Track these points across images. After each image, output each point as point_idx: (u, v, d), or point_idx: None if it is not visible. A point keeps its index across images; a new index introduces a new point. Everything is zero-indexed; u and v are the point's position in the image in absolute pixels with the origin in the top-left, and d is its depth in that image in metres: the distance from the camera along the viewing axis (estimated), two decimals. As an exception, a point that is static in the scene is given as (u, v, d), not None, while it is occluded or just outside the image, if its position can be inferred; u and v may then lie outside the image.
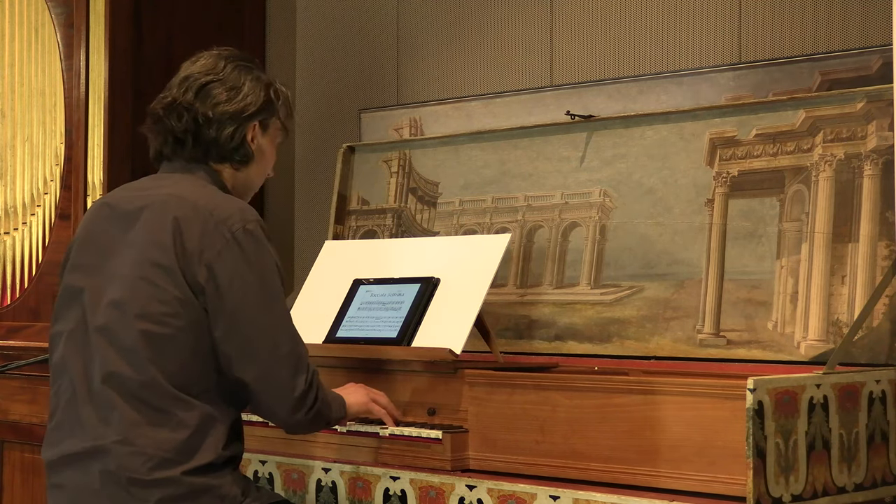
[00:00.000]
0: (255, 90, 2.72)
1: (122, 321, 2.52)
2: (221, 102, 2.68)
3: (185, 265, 2.52)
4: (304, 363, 2.61)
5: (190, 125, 2.67)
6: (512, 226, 3.51)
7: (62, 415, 2.58)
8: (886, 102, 2.86)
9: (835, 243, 2.93)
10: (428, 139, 3.90)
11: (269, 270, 2.58)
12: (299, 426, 2.66)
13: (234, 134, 2.69)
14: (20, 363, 3.51)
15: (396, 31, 4.48)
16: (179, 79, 2.72)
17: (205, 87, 2.68)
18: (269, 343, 2.55)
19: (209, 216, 2.55)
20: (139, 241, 2.56)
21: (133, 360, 2.49)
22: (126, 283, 2.54)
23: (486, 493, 2.71)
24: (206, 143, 2.68)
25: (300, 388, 2.58)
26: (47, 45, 4.58)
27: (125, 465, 2.46)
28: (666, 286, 3.18)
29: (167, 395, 2.49)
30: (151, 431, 2.47)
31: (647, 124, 3.31)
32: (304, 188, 4.74)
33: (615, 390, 2.64)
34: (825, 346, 2.88)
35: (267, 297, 2.56)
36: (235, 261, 2.53)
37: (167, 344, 2.50)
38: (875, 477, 2.64)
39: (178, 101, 2.68)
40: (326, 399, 2.68)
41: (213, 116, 2.67)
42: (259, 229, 2.58)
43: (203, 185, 2.66)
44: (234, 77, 2.71)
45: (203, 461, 2.50)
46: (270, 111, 2.75)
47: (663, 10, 3.78)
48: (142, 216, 2.59)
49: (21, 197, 4.67)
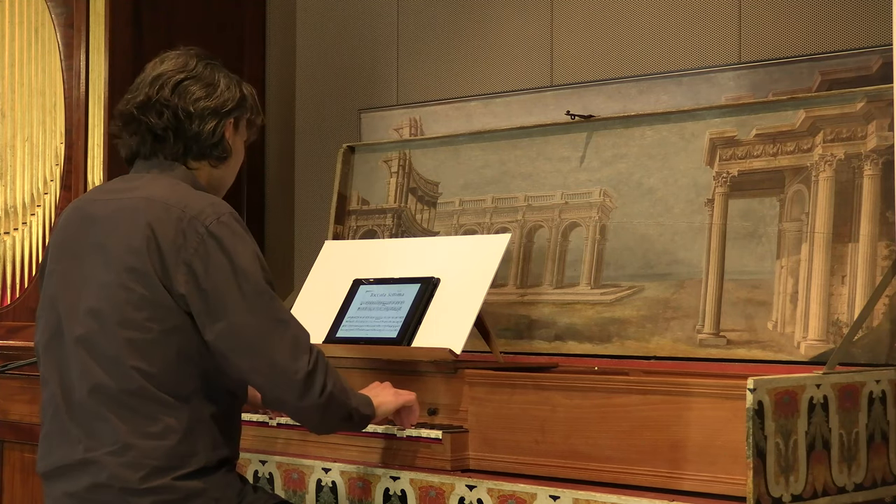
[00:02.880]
0: (230, 87, 2.70)
1: (102, 330, 2.48)
2: (201, 98, 2.65)
3: (162, 269, 2.47)
4: (304, 345, 2.54)
5: (170, 121, 2.63)
6: (512, 226, 3.51)
7: (49, 426, 2.56)
8: (886, 102, 2.86)
9: (835, 243, 2.93)
10: (428, 139, 3.90)
11: (249, 258, 2.51)
12: (314, 414, 2.56)
13: (215, 129, 2.66)
14: (20, 363, 3.51)
15: (396, 31, 4.48)
16: (150, 78, 2.67)
17: (181, 84, 2.65)
18: (261, 330, 2.49)
19: (182, 214, 2.51)
20: (113, 248, 2.52)
21: (116, 370, 2.46)
22: (103, 290, 2.50)
23: (486, 493, 2.71)
24: (186, 139, 2.64)
25: (303, 369, 2.50)
26: (47, 45, 4.58)
27: (117, 475, 2.44)
28: (666, 286, 3.18)
29: (154, 401, 2.46)
30: (140, 441, 2.44)
31: (647, 124, 3.31)
32: (304, 188, 4.74)
33: (615, 390, 2.64)
34: (825, 346, 2.88)
35: (250, 286, 2.49)
36: (213, 254, 2.48)
37: (151, 348, 2.46)
38: (875, 477, 2.64)
39: (155, 99, 2.64)
40: (341, 385, 2.59)
41: (194, 112, 2.64)
42: (233, 220, 2.53)
43: (175, 183, 2.61)
44: (207, 74, 2.69)
45: (195, 466, 2.48)
46: (244, 108, 2.74)
47: (663, 10, 3.78)
48: (114, 222, 2.55)
49: (21, 197, 4.67)
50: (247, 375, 2.52)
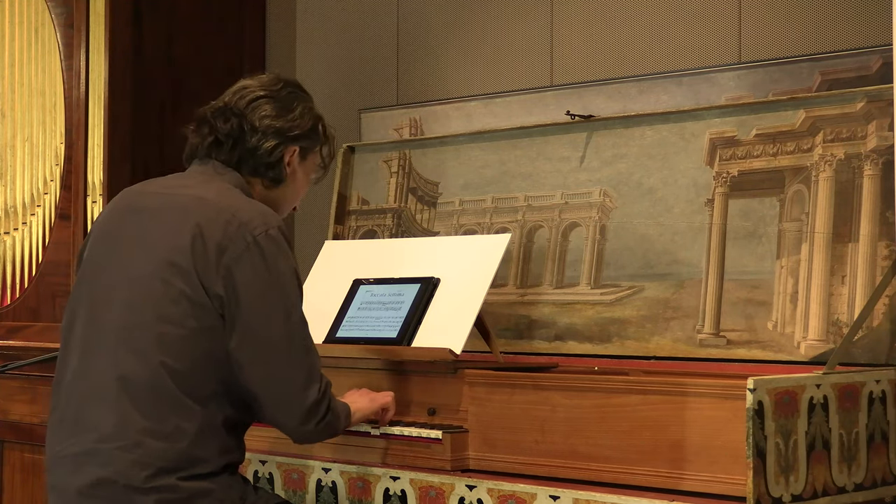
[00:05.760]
0: (304, 116, 2.74)
1: (138, 322, 2.50)
2: (270, 116, 2.70)
3: (203, 269, 2.49)
4: (317, 373, 2.58)
5: (234, 130, 2.67)
6: (512, 226, 3.51)
7: (63, 412, 2.56)
8: (886, 102, 2.86)
9: (835, 243, 2.93)
10: (428, 139, 3.90)
11: (289, 277, 2.56)
12: (309, 436, 2.64)
13: (273, 149, 2.69)
14: (20, 363, 3.51)
15: (396, 31, 4.48)
16: (235, 88, 2.74)
17: (258, 100, 2.71)
18: (283, 351, 2.53)
19: (231, 218, 2.53)
20: (158, 243, 2.54)
21: (145, 362, 2.47)
22: (143, 283, 2.52)
23: (486, 493, 2.71)
24: (243, 151, 2.68)
25: (312, 397, 2.55)
26: (47, 45, 4.58)
27: (122, 471, 2.45)
28: (666, 286, 3.18)
29: (172, 400, 2.47)
30: (151, 440, 2.45)
31: (647, 124, 3.31)
32: (304, 188, 4.74)
33: (615, 390, 2.64)
34: (825, 346, 2.88)
35: (284, 305, 2.54)
36: (255, 265, 2.51)
37: (181, 345, 2.48)
38: (875, 477, 2.64)
39: (229, 106, 2.70)
40: (336, 410, 2.65)
41: (258, 126, 2.68)
42: (281, 235, 2.56)
43: (228, 188, 2.64)
44: (287, 98, 2.74)
45: (202, 470, 2.49)
46: (314, 141, 2.77)
47: (663, 10, 3.78)
48: (161, 216, 2.58)
49: (21, 197, 4.67)
50: (255, 388, 2.53)
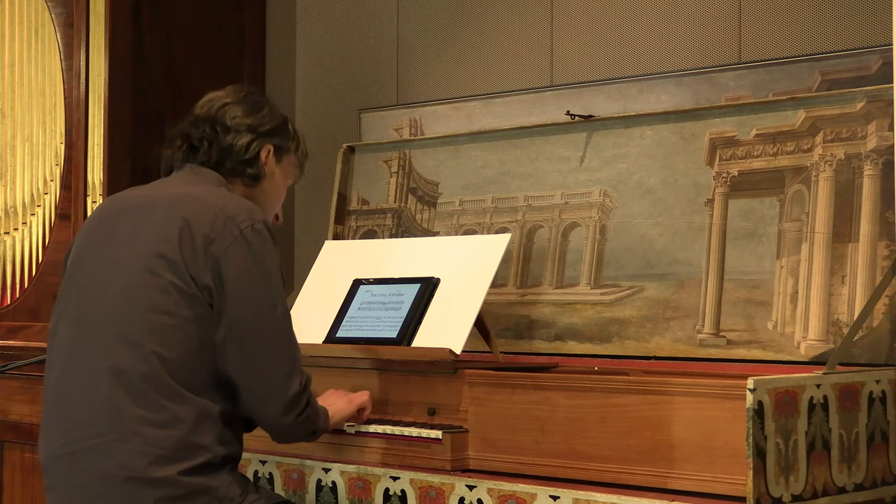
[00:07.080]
0: (272, 114, 2.83)
1: (129, 313, 2.53)
2: (239, 115, 2.77)
3: (191, 260, 2.53)
4: (299, 366, 2.63)
5: (208, 133, 2.74)
6: (512, 226, 3.51)
7: (54, 412, 2.58)
8: (886, 102, 2.86)
9: (835, 243, 2.93)
10: (428, 139, 3.90)
11: (274, 271, 2.60)
12: (288, 430, 2.66)
13: (248, 145, 2.76)
14: (20, 363, 3.51)
15: (396, 31, 4.48)
16: (202, 101, 2.83)
17: (226, 105, 2.79)
18: (269, 341, 2.57)
19: (219, 213, 2.58)
20: (146, 237, 2.58)
21: (137, 352, 2.50)
22: (132, 276, 2.55)
23: (486, 493, 2.71)
24: (220, 151, 2.75)
25: (294, 389, 2.60)
26: (47, 45, 4.58)
27: (123, 462, 2.46)
28: (666, 286, 3.18)
29: (166, 389, 2.49)
30: (148, 428, 2.47)
31: (647, 124, 3.31)
32: (304, 188, 4.74)
33: (615, 390, 2.64)
34: (825, 346, 2.88)
35: (270, 297, 2.58)
36: (243, 257, 2.55)
37: (173, 334, 2.51)
38: (875, 477, 2.64)
39: (200, 117, 2.78)
40: (315, 406, 2.69)
41: (230, 126, 2.75)
42: (266, 230, 2.61)
43: (213, 186, 2.71)
44: (254, 101, 2.83)
45: (200, 460, 2.50)
46: (285, 138, 2.83)
47: (663, 10, 3.78)
48: (148, 212, 2.62)
49: (21, 197, 4.67)
50: (239, 378, 2.57)
